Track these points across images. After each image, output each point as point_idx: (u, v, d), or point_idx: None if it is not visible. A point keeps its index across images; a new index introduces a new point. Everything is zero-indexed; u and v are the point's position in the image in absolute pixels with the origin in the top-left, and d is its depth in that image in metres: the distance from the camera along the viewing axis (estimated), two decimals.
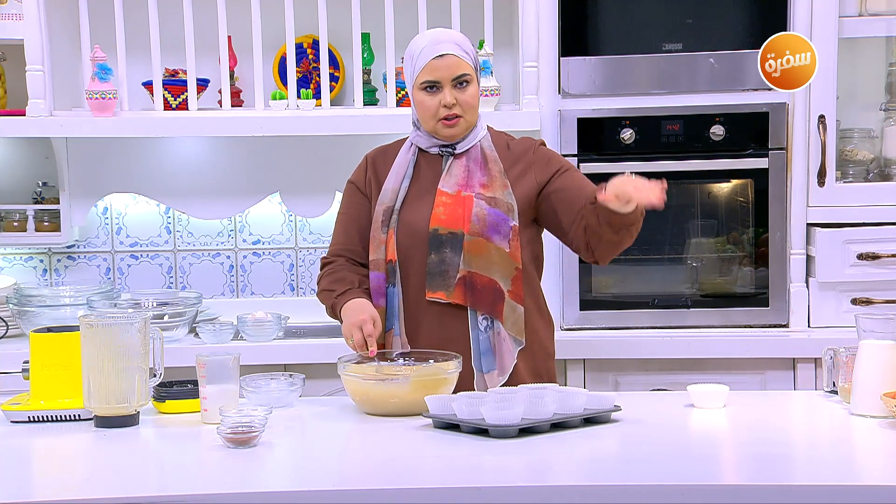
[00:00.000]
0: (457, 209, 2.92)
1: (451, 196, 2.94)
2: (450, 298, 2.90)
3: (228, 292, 4.24)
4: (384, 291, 2.95)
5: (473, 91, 2.94)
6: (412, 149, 3.03)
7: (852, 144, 3.87)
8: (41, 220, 4.06)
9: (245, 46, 3.95)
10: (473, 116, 2.96)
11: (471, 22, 3.88)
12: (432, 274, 2.91)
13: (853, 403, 2.62)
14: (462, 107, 2.92)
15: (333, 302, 2.96)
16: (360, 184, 3.07)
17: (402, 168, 3.01)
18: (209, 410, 2.60)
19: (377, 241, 2.96)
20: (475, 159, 2.97)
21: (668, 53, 3.75)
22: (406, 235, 2.94)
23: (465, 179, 2.95)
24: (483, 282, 2.90)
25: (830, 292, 3.76)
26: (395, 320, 2.94)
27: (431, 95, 2.92)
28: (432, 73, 2.91)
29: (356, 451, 2.50)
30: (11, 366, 3.41)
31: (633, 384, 3.64)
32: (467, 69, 2.92)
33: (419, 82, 2.93)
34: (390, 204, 2.97)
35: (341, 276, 2.99)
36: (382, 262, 2.95)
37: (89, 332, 2.58)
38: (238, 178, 4.15)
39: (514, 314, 2.91)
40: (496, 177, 2.95)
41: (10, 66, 4.00)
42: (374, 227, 2.98)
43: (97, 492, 2.16)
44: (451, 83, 2.91)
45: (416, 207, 2.96)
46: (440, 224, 2.92)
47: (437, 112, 2.92)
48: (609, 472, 2.28)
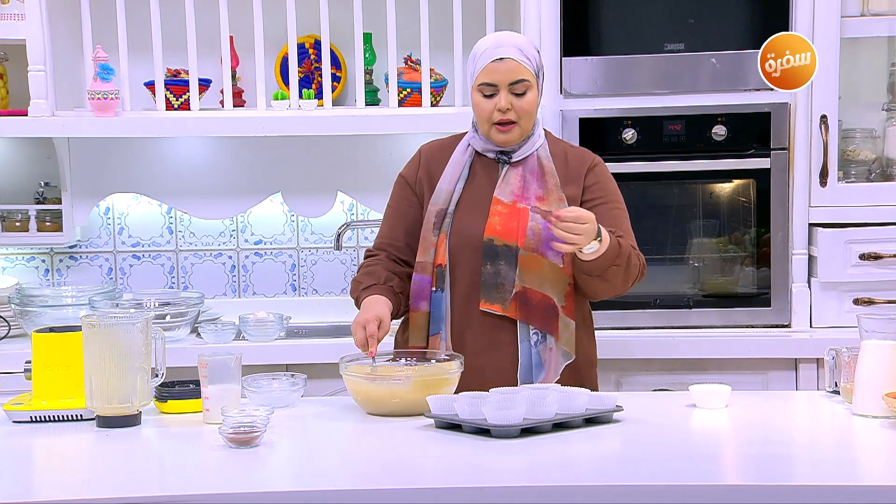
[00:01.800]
0: (512, 221, 2.90)
1: (506, 206, 2.91)
2: (505, 312, 2.89)
3: (230, 292, 4.24)
4: (428, 295, 2.93)
5: (531, 98, 2.91)
6: (469, 150, 3.00)
7: (854, 144, 3.87)
8: (43, 220, 4.06)
9: (247, 46, 3.95)
10: (529, 124, 2.93)
11: (472, 22, 3.88)
12: (487, 285, 2.89)
13: (855, 404, 2.61)
14: (517, 113, 2.89)
15: (358, 294, 2.96)
16: (411, 180, 3.05)
17: (458, 169, 2.98)
18: (211, 410, 2.60)
19: (427, 243, 2.94)
20: (532, 170, 2.95)
21: (671, 53, 3.75)
22: (458, 240, 2.92)
23: (521, 190, 2.92)
24: (537, 298, 2.88)
25: (832, 292, 3.76)
26: (443, 325, 2.92)
27: (488, 98, 2.90)
28: (490, 75, 2.89)
29: (358, 451, 2.50)
30: (13, 366, 3.42)
31: (634, 384, 3.64)
32: (526, 75, 2.89)
33: (477, 84, 2.91)
34: (444, 206, 2.94)
35: (372, 269, 2.98)
36: (430, 266, 2.93)
37: (91, 332, 2.58)
38: (240, 179, 4.15)
39: (567, 330, 2.90)
40: (552, 190, 2.93)
41: (12, 66, 4.00)
42: (426, 227, 2.95)
43: (99, 492, 2.16)
44: (508, 88, 2.88)
45: (471, 214, 2.93)
46: (495, 235, 2.90)
47: (492, 116, 2.89)
48: (611, 473, 2.28)
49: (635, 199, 3.84)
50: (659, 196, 3.86)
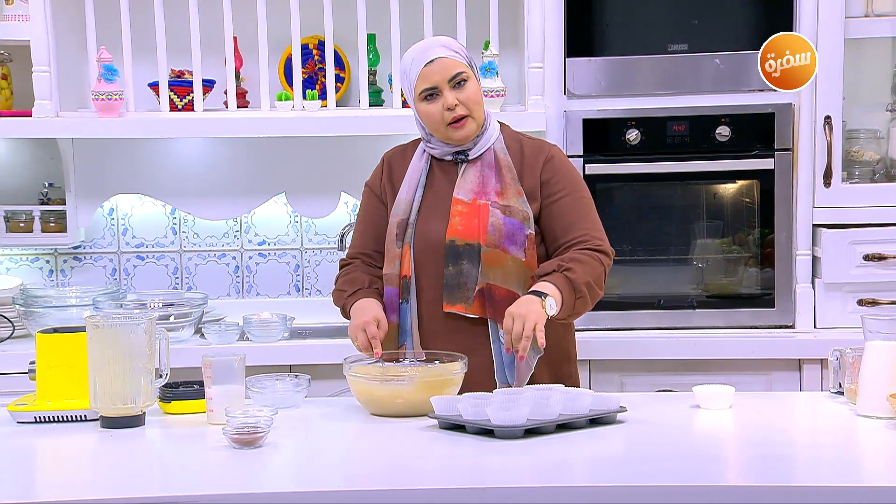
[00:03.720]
0: (472, 219, 2.89)
1: (466, 204, 2.91)
2: (469, 311, 2.88)
3: (234, 293, 4.24)
4: (396, 308, 2.93)
5: (473, 87, 2.90)
6: (425, 156, 3.00)
7: (858, 145, 3.87)
8: (47, 221, 4.06)
9: (251, 47, 3.95)
10: (480, 113, 2.93)
11: (476, 23, 3.88)
12: (450, 286, 2.89)
13: (859, 404, 2.61)
14: (466, 105, 2.89)
15: (344, 302, 2.96)
16: (376, 188, 3.07)
17: (416, 176, 2.98)
18: (215, 411, 2.61)
19: (391, 255, 2.94)
20: (489, 164, 2.94)
21: (674, 54, 3.75)
22: (422, 248, 2.92)
23: (480, 186, 2.92)
24: (501, 293, 2.87)
25: (836, 293, 3.76)
26: (408, 337, 2.92)
27: (433, 103, 2.89)
28: (427, 79, 2.88)
29: (361, 451, 2.50)
30: (18, 366, 3.42)
31: (638, 385, 3.64)
32: (461, 67, 2.89)
33: (418, 93, 2.90)
34: (404, 216, 2.95)
35: (353, 276, 2.99)
36: (396, 278, 2.93)
37: (95, 332, 2.58)
38: (244, 179, 4.15)
39: None
40: (510, 184, 2.92)
41: (16, 66, 4.01)
42: (388, 239, 2.95)
43: (103, 492, 2.17)
44: (449, 85, 2.88)
45: (432, 218, 2.93)
46: (457, 235, 2.89)
47: (444, 117, 2.89)
48: (615, 473, 2.27)
49: (639, 199, 3.86)
50: (662, 197, 3.86)
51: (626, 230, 3.76)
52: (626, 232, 3.77)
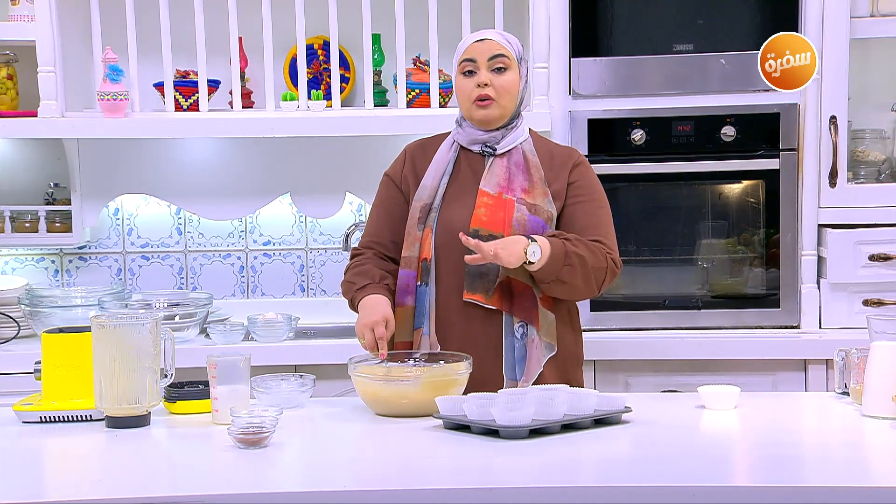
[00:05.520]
0: (498, 212, 2.90)
1: (492, 197, 2.92)
2: (488, 302, 2.88)
3: (239, 293, 4.24)
4: (413, 290, 2.93)
5: (511, 78, 2.93)
6: (454, 146, 3.01)
7: (864, 145, 3.86)
8: (53, 221, 4.07)
9: (256, 48, 3.95)
10: (508, 104, 2.94)
11: (481, 23, 3.87)
12: (472, 275, 2.88)
13: (865, 405, 2.61)
14: (496, 90, 2.90)
15: (353, 295, 2.95)
16: (396, 178, 3.06)
17: (443, 165, 2.99)
18: (220, 411, 2.61)
19: (412, 238, 2.94)
20: (517, 162, 2.95)
21: (679, 54, 3.75)
22: (443, 233, 2.92)
23: (507, 181, 2.93)
24: (520, 287, 2.88)
25: (842, 293, 3.75)
26: (425, 319, 2.91)
27: (468, 77, 2.93)
28: (470, 53, 2.93)
29: (367, 451, 2.50)
30: (23, 366, 3.42)
31: (643, 385, 3.64)
32: (505, 52, 2.92)
33: (459, 64, 2.95)
34: (429, 201, 2.95)
35: (364, 269, 2.97)
36: (415, 260, 2.93)
37: (101, 332, 2.59)
38: (249, 179, 4.15)
39: (546, 321, 2.89)
40: (537, 183, 2.93)
41: (22, 67, 4.01)
42: (410, 223, 2.95)
43: (108, 492, 2.17)
44: (487, 64, 2.91)
45: (457, 206, 2.94)
46: (481, 225, 2.89)
47: (472, 93, 2.92)
48: (620, 473, 2.27)
49: (644, 200, 3.86)
50: (668, 197, 3.86)
51: (631, 230, 3.76)
52: (632, 232, 3.77)
